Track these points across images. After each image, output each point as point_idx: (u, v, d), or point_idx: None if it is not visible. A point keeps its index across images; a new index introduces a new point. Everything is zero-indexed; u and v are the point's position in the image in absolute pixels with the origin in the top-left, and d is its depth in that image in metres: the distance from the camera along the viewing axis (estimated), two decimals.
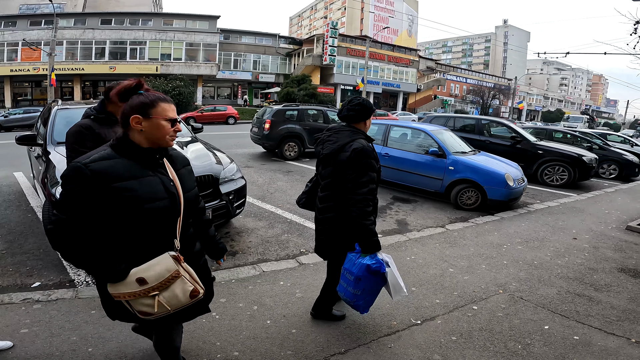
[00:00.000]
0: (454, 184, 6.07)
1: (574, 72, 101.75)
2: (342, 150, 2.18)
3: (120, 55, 31.88)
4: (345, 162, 2.15)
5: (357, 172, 2.12)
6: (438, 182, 6.21)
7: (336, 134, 2.28)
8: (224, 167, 4.04)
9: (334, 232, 2.28)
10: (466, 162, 6.06)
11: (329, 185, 2.27)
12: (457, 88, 51.97)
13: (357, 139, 2.19)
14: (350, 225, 2.17)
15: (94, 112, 2.53)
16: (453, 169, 6.04)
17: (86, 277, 3.18)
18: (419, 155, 6.46)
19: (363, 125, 2.31)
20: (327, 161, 2.27)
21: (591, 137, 11.31)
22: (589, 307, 2.95)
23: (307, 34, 64.30)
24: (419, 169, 6.41)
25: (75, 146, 2.40)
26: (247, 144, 11.67)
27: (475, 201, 5.95)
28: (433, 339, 2.45)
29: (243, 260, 3.69)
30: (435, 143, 6.35)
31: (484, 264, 3.73)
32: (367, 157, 2.14)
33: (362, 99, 2.32)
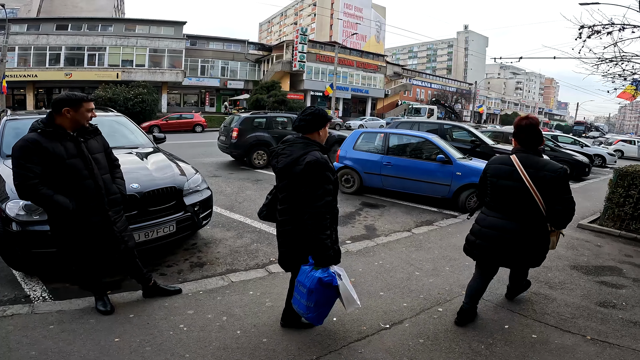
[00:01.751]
0: (461, 189, 6.28)
1: (528, 76, 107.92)
2: (295, 163, 2.14)
3: (77, 62, 30.42)
4: (299, 176, 2.13)
5: (312, 186, 2.11)
6: (445, 188, 6.39)
7: (290, 146, 2.23)
8: (188, 178, 3.96)
9: (293, 245, 2.28)
10: (472, 167, 6.32)
11: (286, 199, 2.26)
12: (423, 93, 53.80)
13: (311, 152, 2.15)
14: (306, 239, 2.18)
15: (41, 125, 2.39)
16: (460, 175, 6.25)
17: (42, 293, 3.05)
18: (425, 163, 6.58)
19: (317, 135, 2.26)
20: (282, 175, 2.25)
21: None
22: (545, 305, 3.13)
23: (277, 40, 64.49)
24: (424, 177, 6.51)
25: (21, 162, 2.29)
26: (214, 153, 11.47)
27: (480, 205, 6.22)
28: (402, 343, 2.50)
29: (211, 271, 3.62)
30: (439, 150, 6.54)
31: (448, 266, 3.87)
32: (321, 170, 2.11)
33: (314, 108, 2.29)
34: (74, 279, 3.20)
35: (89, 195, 2.48)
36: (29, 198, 2.38)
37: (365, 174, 6.94)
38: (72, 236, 2.49)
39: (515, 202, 2.53)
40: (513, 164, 2.54)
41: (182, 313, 2.71)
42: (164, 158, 4.32)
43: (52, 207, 2.40)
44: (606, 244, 4.85)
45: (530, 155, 2.54)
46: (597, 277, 3.77)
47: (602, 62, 6.03)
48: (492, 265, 2.75)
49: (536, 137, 2.56)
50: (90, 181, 2.49)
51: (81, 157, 2.47)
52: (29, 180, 2.29)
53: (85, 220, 2.48)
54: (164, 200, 3.57)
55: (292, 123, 10.28)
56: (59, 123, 2.43)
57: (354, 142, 7.17)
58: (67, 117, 2.42)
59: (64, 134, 2.44)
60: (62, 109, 2.40)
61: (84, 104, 2.45)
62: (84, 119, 2.49)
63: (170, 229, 3.57)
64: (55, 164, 2.36)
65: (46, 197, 2.34)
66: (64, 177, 2.41)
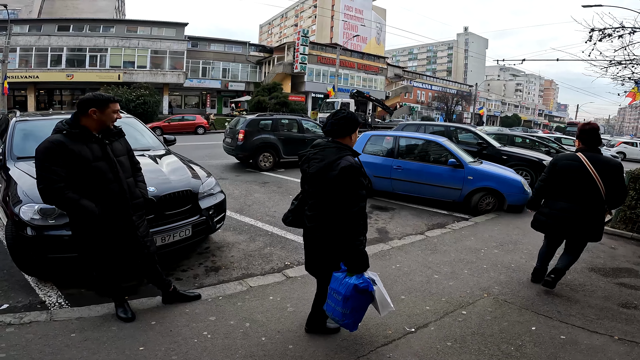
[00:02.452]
0: (473, 193, 6.28)
1: (528, 78, 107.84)
2: (329, 168, 2.08)
3: (78, 63, 30.37)
4: (333, 181, 2.07)
5: (346, 191, 2.06)
6: (457, 192, 6.36)
7: (322, 151, 2.17)
8: (202, 181, 3.91)
9: (324, 251, 2.24)
10: (484, 171, 6.35)
11: (317, 204, 2.20)
12: (423, 95, 53.81)
13: (345, 156, 2.09)
14: (340, 245, 2.14)
15: (66, 126, 2.34)
16: (472, 179, 6.25)
17: (58, 299, 2.99)
18: (436, 167, 6.50)
19: (349, 139, 2.21)
20: (314, 180, 2.18)
21: (548, 141, 12.05)
22: (569, 307, 3.10)
23: (278, 41, 64.51)
24: (436, 181, 6.46)
25: (46, 164, 2.22)
26: (219, 155, 11.43)
27: (493, 207, 6.28)
28: (429, 346, 2.47)
29: (227, 275, 3.58)
30: (450, 154, 6.47)
31: (466, 269, 3.84)
32: (355, 175, 2.06)
33: (347, 112, 2.22)
34: (91, 285, 3.15)
35: (114, 199, 2.43)
36: (53, 202, 2.31)
37: (374, 177, 6.87)
38: (96, 241, 2.44)
39: (582, 190, 3.12)
40: (581, 161, 3.13)
41: (204, 320, 2.67)
42: (177, 160, 4.27)
43: (77, 212, 2.34)
44: (620, 246, 4.83)
45: (594, 153, 3.15)
46: (615, 279, 3.76)
47: (613, 64, 6.02)
48: (559, 239, 3.43)
49: (597, 139, 3.20)
50: (115, 185, 2.44)
51: (106, 160, 2.42)
52: (54, 183, 2.23)
53: (110, 225, 2.43)
54: (180, 203, 3.52)
55: (297, 125, 10.39)
56: (85, 124, 2.37)
57: (362, 145, 7.08)
58: (93, 118, 2.37)
59: (89, 135, 2.38)
60: (88, 110, 2.34)
61: (110, 105, 2.41)
62: (110, 120, 2.44)
63: (187, 232, 3.52)
64: (80, 166, 2.30)
65: (72, 202, 2.28)
66: (88, 180, 2.35)
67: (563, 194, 3.21)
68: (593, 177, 3.06)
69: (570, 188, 3.16)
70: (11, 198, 3.13)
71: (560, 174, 3.20)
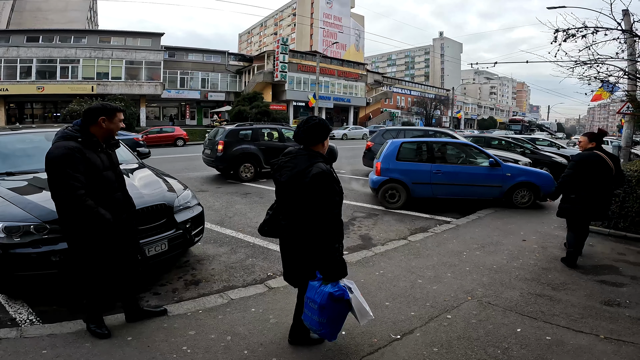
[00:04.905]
0: (513, 189, 6.79)
1: (501, 81, 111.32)
2: (301, 176, 2.06)
3: (49, 75, 29.40)
4: (305, 189, 2.04)
5: (319, 198, 2.03)
6: (497, 189, 6.84)
7: (294, 159, 2.15)
8: (178, 194, 3.83)
9: (300, 260, 2.21)
10: (519, 167, 7.12)
11: (290, 213, 2.18)
12: (403, 100, 54.79)
13: (316, 163, 2.07)
14: (315, 253, 2.10)
15: (78, 134, 2.32)
16: (510, 175, 6.78)
17: (29, 316, 2.88)
18: (474, 168, 6.96)
19: (321, 146, 2.20)
20: (286, 188, 2.16)
21: (523, 142, 12.41)
22: (552, 307, 3.13)
23: (257, 50, 64.64)
24: (476, 181, 6.82)
25: (68, 170, 2.18)
26: (199, 167, 11.22)
27: (528, 199, 6.86)
28: (416, 353, 2.43)
29: (207, 288, 3.47)
30: (485, 154, 7.05)
31: (449, 272, 3.84)
32: (328, 182, 2.04)
33: (317, 119, 2.21)
34: (64, 301, 3.06)
35: (119, 207, 2.45)
36: (73, 209, 2.26)
37: (413, 184, 6.84)
38: (101, 249, 2.40)
39: (603, 181, 3.96)
40: (601, 157, 3.97)
41: (183, 334, 2.57)
42: (150, 173, 4.17)
43: (93, 220, 2.29)
44: (598, 243, 4.95)
45: (605, 151, 4.10)
46: (596, 276, 3.82)
47: (578, 64, 6.16)
48: (585, 223, 4.16)
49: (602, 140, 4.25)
50: (120, 194, 2.50)
51: (113, 170, 2.48)
52: (76, 190, 2.19)
53: (118, 233, 2.44)
54: (154, 218, 3.42)
55: (278, 134, 10.32)
56: (95, 132, 2.38)
57: (395, 153, 6.97)
58: (102, 126, 2.39)
59: (98, 144, 2.39)
60: (98, 118, 2.37)
61: (117, 114, 2.45)
62: (117, 129, 2.48)
63: (162, 247, 3.42)
64: (92, 174, 2.30)
65: (90, 209, 2.25)
66: (97, 188, 2.34)
67: (587, 186, 3.96)
68: (612, 169, 3.96)
69: (594, 180, 3.93)
70: None
71: (586, 170, 3.96)
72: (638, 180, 5.13)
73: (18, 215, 2.93)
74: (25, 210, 2.97)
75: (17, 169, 3.72)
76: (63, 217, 2.36)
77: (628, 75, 6.59)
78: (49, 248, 2.87)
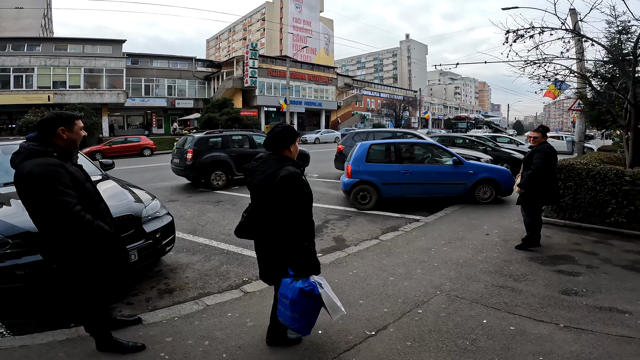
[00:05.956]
0: (476, 185, 7.15)
1: (464, 81, 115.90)
2: (270, 179, 2.20)
3: (2, 84, 27.56)
4: (274, 190, 2.18)
5: (287, 199, 2.16)
6: (461, 186, 7.16)
7: (263, 163, 2.28)
8: (145, 204, 3.78)
9: (273, 259, 2.32)
10: (480, 165, 7.54)
11: (263, 214, 2.30)
12: (373, 102, 55.67)
13: (285, 167, 2.21)
14: (286, 251, 2.23)
15: (51, 148, 2.17)
16: (472, 172, 7.14)
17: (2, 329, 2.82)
18: (440, 167, 7.26)
19: (289, 152, 2.33)
20: (257, 191, 2.29)
21: (485, 140, 13.04)
22: (514, 298, 3.31)
23: (226, 56, 63.61)
24: (442, 179, 7.14)
25: (59, 188, 2.05)
26: (168, 177, 10.93)
27: (490, 195, 7.24)
28: (390, 348, 2.53)
29: (182, 296, 3.44)
30: (449, 153, 7.34)
31: (419, 269, 4.00)
32: (295, 183, 2.17)
33: (283, 125, 2.36)
34: (33, 313, 3.02)
35: (107, 219, 2.38)
36: (72, 227, 2.11)
37: (383, 185, 6.99)
38: (99, 263, 2.30)
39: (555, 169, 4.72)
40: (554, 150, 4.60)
41: (161, 341, 2.56)
42: (115, 185, 4.09)
43: (94, 234, 2.17)
44: (554, 234, 5.29)
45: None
46: (553, 266, 4.08)
47: (528, 64, 6.49)
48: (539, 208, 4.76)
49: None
50: (104, 205, 2.42)
51: (90, 182, 2.39)
52: (73, 206, 2.07)
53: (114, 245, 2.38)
54: (122, 229, 3.34)
55: (249, 141, 10.27)
56: (61, 144, 2.23)
57: (364, 155, 7.13)
58: (63, 137, 2.22)
59: (70, 156, 2.27)
60: (57, 129, 2.20)
61: (76, 122, 2.29)
62: (79, 138, 2.32)
63: (133, 257, 3.36)
64: (77, 189, 2.18)
65: (90, 224, 2.13)
66: (84, 202, 2.21)
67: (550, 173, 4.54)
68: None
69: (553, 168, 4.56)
70: None
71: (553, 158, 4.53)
72: (588, 173, 5.52)
73: None
74: None
75: None
76: (49, 236, 2.18)
77: (574, 74, 7.01)
78: (12, 262, 2.80)
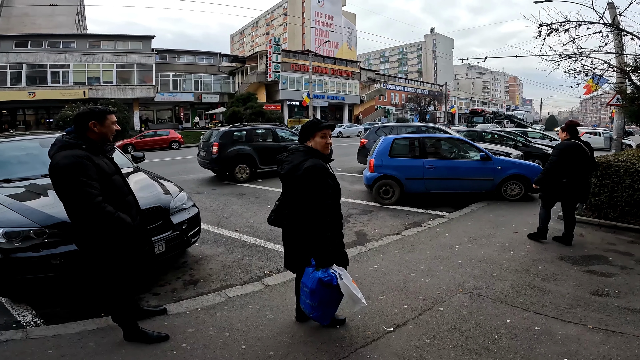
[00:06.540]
0: (504, 181, 6.91)
1: (493, 75, 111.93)
2: (296, 169, 2.30)
3: (39, 80, 29.02)
4: (298, 181, 2.28)
5: (311, 190, 2.24)
6: (489, 182, 6.95)
7: (292, 154, 2.41)
8: (173, 196, 3.88)
9: (297, 247, 2.41)
10: (509, 160, 7.28)
11: (290, 203, 2.41)
12: (397, 97, 54.82)
13: (310, 159, 2.30)
14: (309, 241, 2.30)
15: (81, 142, 2.28)
16: (501, 168, 6.90)
17: (33, 318, 2.97)
18: (466, 162, 7.09)
19: (314, 142, 2.40)
20: (285, 180, 2.41)
21: (515, 135, 12.52)
22: (542, 297, 3.20)
23: (250, 51, 64.35)
24: (468, 175, 6.94)
25: (82, 179, 2.14)
26: (195, 169, 11.23)
27: (519, 192, 6.96)
28: (408, 344, 2.51)
29: (206, 288, 3.54)
30: (476, 148, 7.17)
31: (442, 266, 3.93)
32: (318, 175, 2.25)
33: (310, 120, 2.48)
34: (67, 303, 3.15)
35: (133, 211, 2.46)
36: (91, 217, 2.20)
37: (407, 180, 6.91)
38: (122, 254, 2.37)
39: (582, 166, 4.42)
40: (579, 145, 4.42)
41: (183, 332, 2.65)
42: (146, 177, 4.22)
43: (114, 225, 2.25)
44: (588, 233, 5.05)
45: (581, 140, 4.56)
46: (585, 266, 3.90)
47: (563, 58, 6.22)
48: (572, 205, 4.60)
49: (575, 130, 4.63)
50: (131, 197, 2.51)
51: (119, 173, 2.47)
52: (94, 197, 2.15)
53: (136, 236, 2.45)
54: (151, 220, 3.46)
55: (272, 134, 10.37)
56: (93, 137, 2.34)
57: (388, 149, 7.04)
58: (94, 131, 2.34)
59: (100, 150, 2.37)
60: (88, 123, 2.31)
61: (108, 117, 2.39)
62: (111, 132, 2.42)
63: (160, 248, 3.47)
64: (104, 180, 2.27)
65: (111, 215, 2.20)
66: (110, 193, 2.30)
67: (570, 172, 4.38)
68: (590, 156, 4.44)
69: (577, 166, 4.37)
70: None
71: (570, 157, 4.35)
72: (625, 170, 5.23)
73: (17, 220, 2.99)
74: (23, 216, 3.02)
75: (13, 176, 3.78)
76: (78, 226, 2.30)
77: (613, 68, 6.66)
78: (49, 252, 2.93)
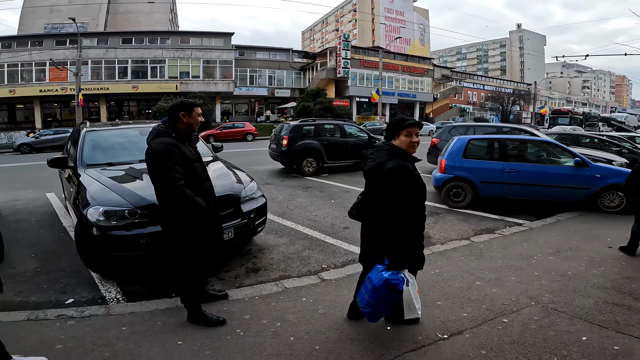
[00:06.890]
0: (602, 191, 6.17)
1: (596, 74, 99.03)
2: (379, 168, 2.27)
3: (141, 74, 32.72)
4: (380, 180, 2.24)
5: (393, 191, 2.19)
6: (583, 191, 6.23)
7: (377, 152, 2.37)
8: (245, 186, 4.07)
9: (373, 243, 2.38)
10: (611, 168, 6.45)
11: (370, 200, 2.39)
12: (475, 95, 51.31)
13: (394, 158, 2.24)
14: (384, 239, 2.26)
15: (172, 130, 2.58)
16: (600, 177, 6.13)
17: (116, 294, 3.29)
18: (556, 167, 6.38)
19: (398, 141, 2.32)
20: (368, 177, 2.39)
21: (620, 140, 10.83)
22: (629, 317, 2.81)
23: (320, 47, 65.14)
24: (556, 182, 6.27)
25: (169, 164, 2.43)
26: (265, 161, 11.79)
27: (619, 203, 6.15)
28: (461, 354, 2.38)
29: (265, 277, 3.70)
30: (571, 153, 6.42)
31: (514, 276, 3.61)
32: (401, 176, 2.18)
33: (396, 117, 2.42)
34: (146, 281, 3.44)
35: (208, 196, 2.68)
36: (173, 199, 2.46)
37: (482, 183, 6.47)
38: (195, 236, 2.61)
39: None
40: None
41: (239, 318, 2.79)
42: (222, 166, 4.48)
43: (191, 208, 2.48)
44: None
45: None
46: None
47: None
48: None
49: None
50: (208, 184, 2.74)
51: (200, 161, 2.72)
52: (177, 181, 2.43)
53: (209, 220, 2.66)
54: (223, 207, 3.67)
55: (340, 130, 10.42)
56: (182, 127, 2.63)
57: (462, 150, 6.64)
58: (183, 121, 2.61)
59: (187, 138, 2.66)
60: (178, 114, 2.59)
61: (194, 109, 2.65)
62: (196, 123, 2.68)
63: (229, 235, 3.64)
64: (186, 166, 2.54)
65: (189, 198, 2.46)
66: (191, 178, 2.57)
67: None
68: None
69: None
70: (80, 201, 3.51)
71: None
72: None
73: (115, 200, 3.33)
74: (121, 197, 3.36)
75: (116, 160, 4.23)
76: (164, 205, 2.54)
77: None
78: (138, 231, 3.21)
